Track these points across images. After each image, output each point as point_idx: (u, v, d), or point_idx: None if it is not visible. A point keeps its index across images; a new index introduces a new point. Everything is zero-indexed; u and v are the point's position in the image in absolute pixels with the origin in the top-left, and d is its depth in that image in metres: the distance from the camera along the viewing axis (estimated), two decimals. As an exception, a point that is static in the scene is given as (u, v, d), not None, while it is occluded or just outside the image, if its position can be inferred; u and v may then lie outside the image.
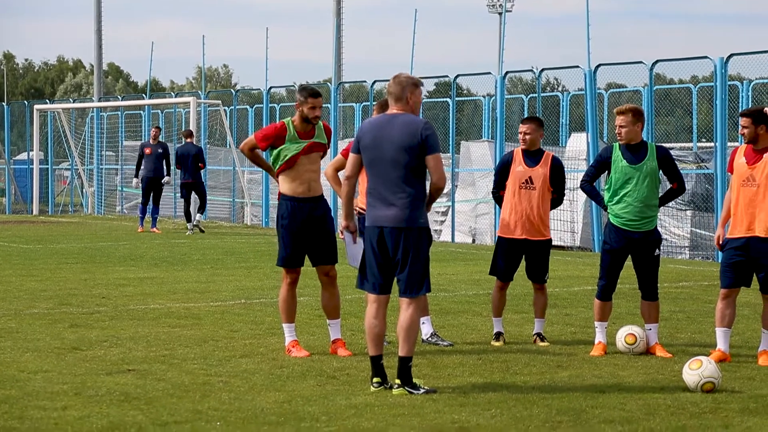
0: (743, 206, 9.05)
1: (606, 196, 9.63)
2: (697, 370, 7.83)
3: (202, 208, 25.62)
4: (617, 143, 9.63)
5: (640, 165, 9.48)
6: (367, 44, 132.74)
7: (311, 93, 9.26)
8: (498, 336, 10.13)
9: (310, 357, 9.11)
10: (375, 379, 7.77)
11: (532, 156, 10.15)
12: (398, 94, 7.79)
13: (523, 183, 10.10)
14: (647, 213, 9.50)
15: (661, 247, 9.67)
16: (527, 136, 10.11)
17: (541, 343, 10.03)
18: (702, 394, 7.69)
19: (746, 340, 10.15)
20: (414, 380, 7.67)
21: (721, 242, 9.27)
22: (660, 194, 9.63)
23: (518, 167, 10.14)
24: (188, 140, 25.28)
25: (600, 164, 9.69)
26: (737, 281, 9.12)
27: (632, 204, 9.49)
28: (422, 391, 7.59)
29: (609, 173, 9.59)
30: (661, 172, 9.56)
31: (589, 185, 9.79)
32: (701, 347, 9.71)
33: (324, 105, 19.70)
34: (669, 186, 9.72)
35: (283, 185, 9.33)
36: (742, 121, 9.09)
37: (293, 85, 33.58)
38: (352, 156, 7.93)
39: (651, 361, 9.17)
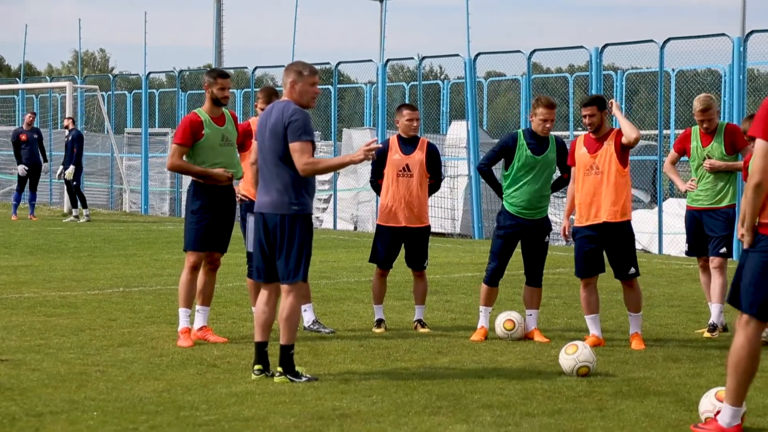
0: (588, 195, 9.30)
1: (504, 182, 9.76)
2: (572, 355, 8.00)
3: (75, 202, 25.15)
4: (521, 130, 9.82)
5: (543, 156, 9.69)
6: (248, 30, 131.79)
7: (220, 74, 9.32)
8: (379, 323, 10.19)
9: (191, 346, 9.02)
10: (256, 367, 7.74)
11: (409, 143, 10.22)
12: (283, 81, 7.83)
13: (401, 170, 10.16)
14: (542, 202, 9.74)
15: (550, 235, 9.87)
16: (416, 123, 10.18)
17: (422, 330, 10.12)
18: (577, 378, 7.86)
19: (620, 325, 10.40)
20: (296, 368, 7.66)
21: (567, 233, 9.55)
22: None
23: (395, 155, 10.20)
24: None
25: (502, 150, 9.77)
26: (593, 269, 9.37)
27: (529, 193, 9.69)
28: (304, 379, 7.59)
29: (509, 160, 9.72)
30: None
31: (487, 168, 9.88)
32: (577, 332, 9.92)
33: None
34: (560, 175, 9.92)
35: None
36: (588, 110, 9.30)
37: (173, 71, 33.15)
38: (253, 142, 8.05)
39: (529, 347, 9.33)
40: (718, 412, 6.21)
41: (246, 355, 8.44)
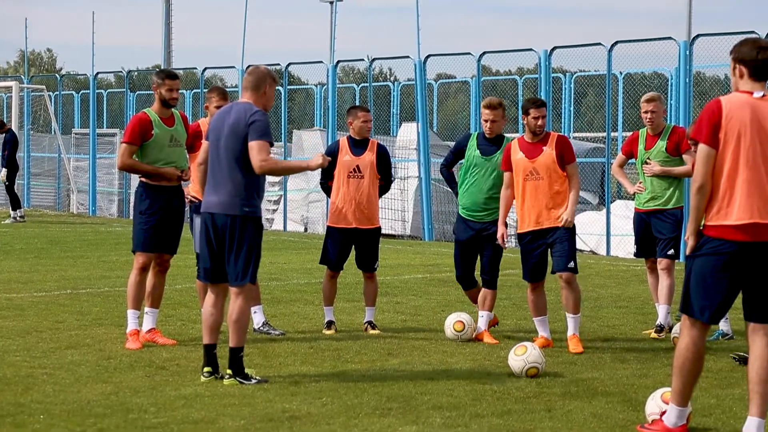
0: (530, 200, 9.23)
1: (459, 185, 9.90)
2: (522, 356, 8.04)
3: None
4: (476, 132, 9.88)
5: (490, 157, 9.73)
6: (197, 30, 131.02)
7: (168, 74, 9.32)
8: (329, 324, 10.18)
9: (140, 348, 8.96)
10: (206, 369, 7.71)
11: (359, 145, 10.24)
12: (252, 83, 7.75)
13: (352, 172, 10.17)
14: (491, 204, 9.73)
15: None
16: (370, 124, 10.24)
17: (372, 331, 10.13)
18: (527, 379, 7.91)
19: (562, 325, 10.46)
20: (246, 370, 7.64)
21: (505, 239, 9.43)
22: None
23: (345, 156, 10.21)
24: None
25: (457, 150, 9.92)
26: (540, 273, 9.37)
27: (476, 194, 9.76)
28: (254, 381, 7.57)
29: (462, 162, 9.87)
30: None
31: (447, 170, 10.06)
32: (526, 333, 9.98)
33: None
34: None
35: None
36: (539, 111, 9.20)
37: (121, 71, 32.90)
38: (205, 143, 7.98)
39: (478, 348, 9.37)
40: (663, 413, 6.28)
41: (195, 358, 8.41)
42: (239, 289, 7.69)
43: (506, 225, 9.54)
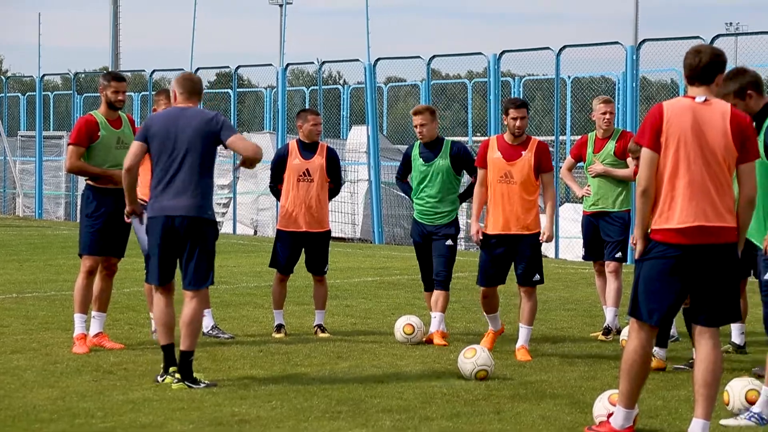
0: (500, 203, 9.06)
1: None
2: (471, 359, 8.07)
3: None
4: (419, 141, 9.87)
5: (431, 163, 9.79)
6: (146, 32, 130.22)
7: (114, 76, 9.27)
8: (279, 328, 10.16)
9: (87, 353, 8.88)
10: (172, 369, 7.66)
11: (309, 148, 10.23)
12: (194, 89, 7.84)
13: (301, 175, 10.16)
14: (441, 208, 9.78)
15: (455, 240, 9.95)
16: (320, 128, 10.24)
17: (322, 335, 10.12)
18: (476, 382, 7.94)
19: (518, 329, 10.52)
20: (194, 375, 7.59)
21: (478, 238, 9.23)
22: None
23: (295, 160, 10.20)
24: None
25: (405, 161, 10.03)
26: (496, 279, 9.18)
27: (426, 199, 9.83)
28: (202, 385, 7.52)
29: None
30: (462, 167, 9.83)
31: (401, 182, 10.21)
32: (476, 336, 10.00)
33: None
34: (470, 180, 9.93)
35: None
36: (519, 112, 8.98)
37: (68, 73, 32.60)
38: (137, 145, 7.82)
39: (428, 350, 9.39)
40: (611, 415, 6.33)
41: (143, 362, 8.34)
42: (195, 293, 7.66)
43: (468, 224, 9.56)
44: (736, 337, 9.33)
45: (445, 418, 6.76)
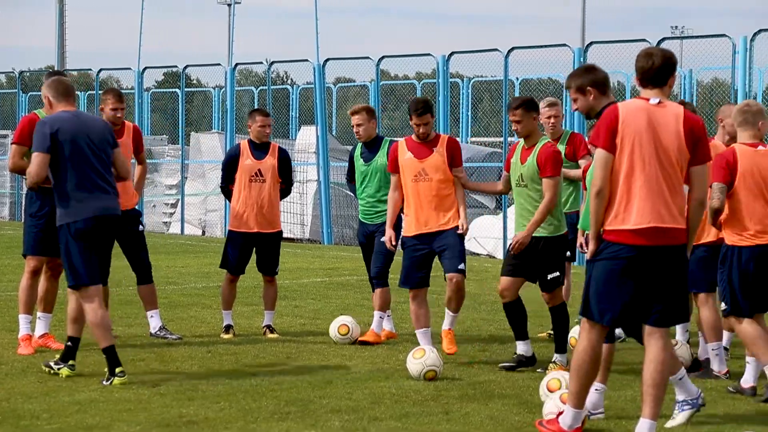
0: (418, 202, 8.86)
1: None
2: (420, 359, 8.09)
3: None
4: (360, 142, 9.93)
5: (370, 162, 9.89)
6: (92, 31, 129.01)
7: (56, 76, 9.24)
8: (228, 328, 10.11)
9: (32, 354, 8.78)
10: (118, 369, 7.67)
11: (260, 148, 10.20)
12: (70, 91, 8.13)
13: (253, 176, 10.13)
14: (380, 207, 9.79)
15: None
16: (269, 129, 10.21)
17: (271, 335, 10.09)
18: (425, 382, 7.95)
19: (466, 329, 10.57)
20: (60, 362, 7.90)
21: (393, 243, 9.13)
22: None
23: (247, 160, 10.16)
24: None
25: (351, 163, 10.10)
26: (422, 280, 9.00)
27: (366, 199, 9.92)
28: (56, 367, 7.86)
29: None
30: None
31: (350, 184, 10.30)
32: (434, 335, 10.00)
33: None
34: None
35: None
36: (423, 119, 8.85)
37: (13, 72, 32.21)
38: (42, 156, 7.80)
39: (377, 351, 9.39)
40: (560, 413, 6.36)
41: (89, 363, 8.27)
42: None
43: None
44: (681, 335, 9.41)
45: (394, 418, 6.76)
